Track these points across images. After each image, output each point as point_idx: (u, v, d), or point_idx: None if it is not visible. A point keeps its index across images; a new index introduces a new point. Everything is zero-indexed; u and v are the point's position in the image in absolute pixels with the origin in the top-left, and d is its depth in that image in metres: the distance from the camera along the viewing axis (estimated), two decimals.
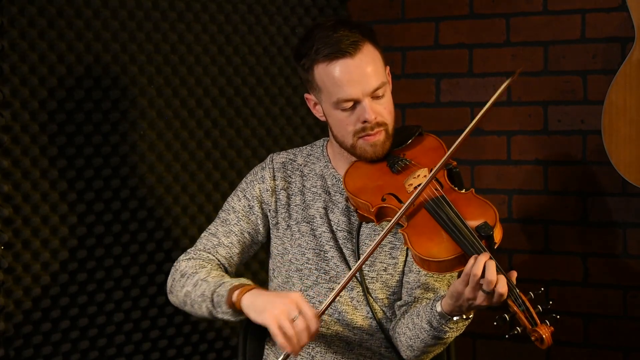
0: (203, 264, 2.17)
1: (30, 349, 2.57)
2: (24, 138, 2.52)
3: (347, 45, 2.08)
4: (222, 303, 2.02)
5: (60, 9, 2.57)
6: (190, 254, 2.22)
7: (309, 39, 2.14)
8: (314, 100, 2.21)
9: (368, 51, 2.11)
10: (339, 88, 2.09)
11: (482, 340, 3.31)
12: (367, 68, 2.09)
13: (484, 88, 3.29)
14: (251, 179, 2.29)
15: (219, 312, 2.05)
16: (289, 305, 1.92)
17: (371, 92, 2.10)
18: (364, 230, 2.19)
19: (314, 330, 1.92)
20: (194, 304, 2.10)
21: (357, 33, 2.10)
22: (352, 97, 2.10)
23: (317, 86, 2.15)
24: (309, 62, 2.13)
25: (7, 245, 2.49)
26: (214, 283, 2.07)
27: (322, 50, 2.09)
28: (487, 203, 2.02)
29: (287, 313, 1.91)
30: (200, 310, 2.09)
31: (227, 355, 3.00)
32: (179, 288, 2.15)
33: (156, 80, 2.80)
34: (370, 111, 2.10)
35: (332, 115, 2.16)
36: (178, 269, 2.19)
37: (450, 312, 1.98)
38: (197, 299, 2.09)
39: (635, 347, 3.10)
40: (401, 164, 2.16)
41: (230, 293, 2.01)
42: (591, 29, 3.11)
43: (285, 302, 1.93)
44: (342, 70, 2.08)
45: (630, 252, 3.11)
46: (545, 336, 1.82)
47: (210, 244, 2.23)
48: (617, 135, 2.85)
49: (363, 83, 2.09)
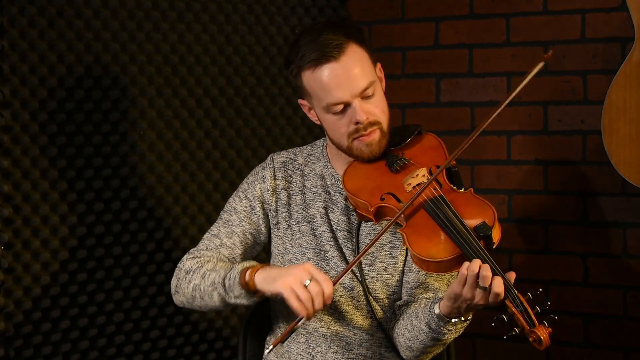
0: (208, 259, 2.17)
1: (30, 349, 2.57)
2: (24, 138, 2.52)
3: (331, 49, 2.08)
4: (235, 285, 2.03)
5: (60, 9, 2.57)
6: (194, 253, 2.22)
7: (295, 45, 2.14)
8: (307, 106, 2.22)
9: (353, 52, 2.10)
10: (327, 93, 2.09)
11: (482, 340, 3.31)
12: (354, 69, 2.09)
13: (484, 88, 3.29)
14: (252, 179, 2.29)
15: (232, 297, 2.05)
16: (302, 272, 1.95)
17: (360, 93, 2.10)
18: (364, 230, 2.19)
19: (328, 294, 1.94)
20: (204, 295, 2.10)
21: (340, 35, 2.10)
22: (341, 100, 2.10)
23: (307, 92, 2.15)
24: (297, 68, 2.14)
25: (7, 245, 2.49)
26: (223, 270, 2.08)
27: (308, 56, 2.09)
28: (485, 203, 2.01)
29: (300, 279, 1.94)
30: (211, 300, 2.09)
31: (227, 355, 3.00)
32: (185, 285, 2.15)
33: (156, 80, 2.80)
34: (361, 112, 2.10)
35: (324, 119, 2.16)
36: (182, 268, 2.19)
37: (449, 314, 1.98)
38: (207, 289, 2.09)
39: (635, 347, 3.10)
40: (400, 163, 2.16)
41: (242, 274, 2.02)
42: (591, 29, 3.11)
43: (297, 270, 1.96)
44: (328, 74, 2.08)
45: (630, 252, 3.11)
46: (543, 337, 1.82)
47: (212, 244, 2.23)
48: (617, 135, 2.85)
49: (350, 85, 2.08)
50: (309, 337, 2.20)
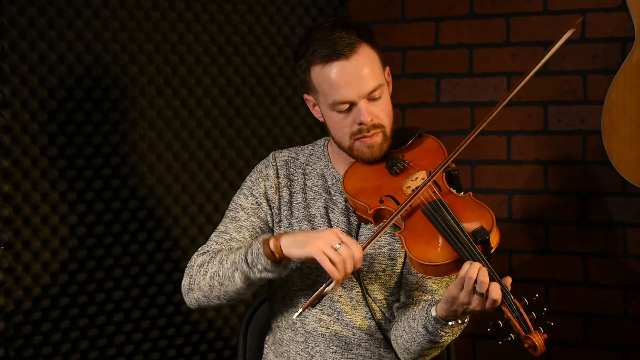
0: (219, 249, 2.15)
1: (30, 349, 2.58)
2: (24, 138, 2.52)
3: (343, 47, 2.07)
4: (260, 257, 2.01)
5: (60, 9, 2.57)
6: (204, 249, 2.20)
7: (306, 40, 2.13)
8: (312, 101, 2.21)
9: (365, 53, 2.10)
10: (334, 90, 2.09)
11: (482, 341, 3.31)
12: (363, 70, 2.09)
13: (484, 88, 3.29)
14: (256, 176, 2.29)
15: (256, 272, 2.03)
16: (331, 236, 1.96)
17: (367, 94, 2.10)
18: (363, 231, 2.19)
19: (358, 257, 1.96)
20: (224, 279, 2.07)
21: (353, 34, 2.10)
22: (348, 99, 2.09)
23: (314, 88, 2.15)
24: (306, 63, 2.13)
25: (7, 245, 2.50)
26: (242, 249, 2.06)
27: (319, 52, 2.09)
28: (484, 207, 2.00)
29: (330, 242, 1.95)
30: (232, 283, 2.07)
31: (227, 355, 3.00)
32: (200, 277, 2.13)
33: (156, 80, 2.80)
34: (365, 113, 2.09)
35: (329, 116, 2.16)
36: (194, 264, 2.16)
37: (445, 317, 1.98)
38: (227, 272, 2.07)
39: (635, 347, 3.10)
40: (400, 165, 2.15)
41: (265, 245, 2.01)
42: (591, 29, 3.11)
43: (326, 234, 1.97)
44: (337, 72, 2.08)
45: (630, 252, 3.11)
46: (538, 343, 1.82)
47: (222, 239, 2.20)
48: (617, 135, 2.85)
49: (359, 85, 2.08)
50: (307, 336, 2.20)
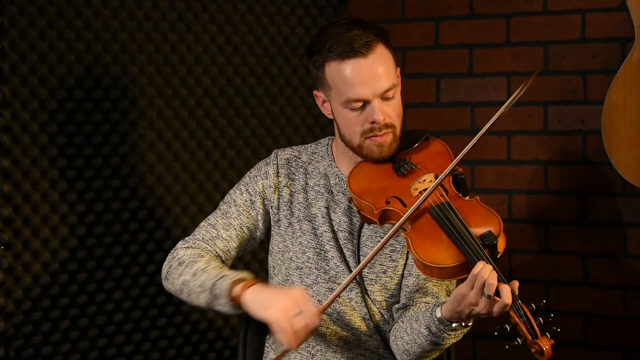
0: (201, 254, 2.18)
1: (30, 349, 2.57)
2: (24, 138, 2.52)
3: (360, 45, 2.08)
4: (223, 296, 2.04)
5: (60, 9, 2.57)
6: (189, 242, 2.22)
7: (322, 36, 2.13)
8: (323, 98, 2.21)
9: (381, 52, 2.10)
10: (349, 87, 2.09)
11: (482, 341, 3.31)
12: (379, 69, 2.09)
13: (484, 88, 3.29)
14: (255, 173, 2.29)
15: (218, 305, 2.06)
16: (291, 303, 1.96)
17: (381, 93, 2.10)
18: (365, 232, 2.19)
19: (313, 328, 1.97)
20: (192, 293, 2.11)
21: (370, 33, 2.10)
22: (362, 97, 2.09)
23: (328, 84, 2.14)
24: (321, 59, 2.13)
25: (7, 245, 2.49)
26: (214, 274, 2.08)
27: (335, 49, 2.09)
28: (491, 212, 2.01)
29: (289, 310, 1.95)
30: (197, 300, 2.10)
31: (227, 355, 3.00)
32: (175, 276, 2.16)
33: (156, 80, 2.80)
34: (379, 112, 2.10)
35: (340, 114, 2.15)
36: (175, 257, 2.20)
37: (450, 317, 1.97)
38: (195, 289, 2.10)
39: (635, 347, 3.10)
40: (407, 167, 2.15)
41: (232, 287, 2.03)
42: (591, 29, 3.11)
43: (287, 300, 1.97)
44: (353, 69, 2.08)
45: (630, 252, 3.11)
46: (545, 348, 1.81)
47: (208, 235, 2.23)
48: (617, 135, 2.85)
49: (374, 84, 2.08)
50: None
